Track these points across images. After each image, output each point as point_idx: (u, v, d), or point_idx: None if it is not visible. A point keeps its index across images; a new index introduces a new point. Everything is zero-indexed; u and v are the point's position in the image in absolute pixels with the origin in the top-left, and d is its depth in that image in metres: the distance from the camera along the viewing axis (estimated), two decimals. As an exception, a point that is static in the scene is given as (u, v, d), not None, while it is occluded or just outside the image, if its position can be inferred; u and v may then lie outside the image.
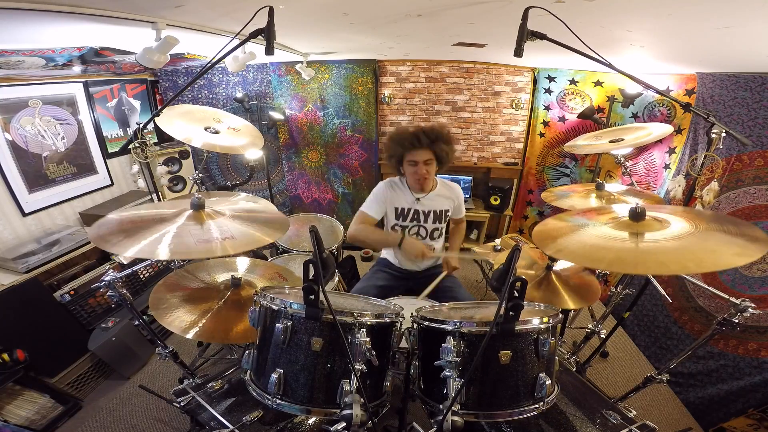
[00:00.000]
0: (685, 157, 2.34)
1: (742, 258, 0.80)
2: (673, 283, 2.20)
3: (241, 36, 1.19)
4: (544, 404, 0.90)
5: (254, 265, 1.64)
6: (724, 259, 0.83)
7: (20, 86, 2.20)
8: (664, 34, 1.48)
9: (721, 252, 0.85)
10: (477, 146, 3.50)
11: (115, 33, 1.54)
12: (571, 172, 3.26)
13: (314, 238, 0.84)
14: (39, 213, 2.33)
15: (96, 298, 2.18)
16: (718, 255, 0.84)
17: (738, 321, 1.13)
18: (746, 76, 1.84)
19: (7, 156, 2.14)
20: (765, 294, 1.72)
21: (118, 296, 1.31)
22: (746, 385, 1.74)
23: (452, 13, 1.42)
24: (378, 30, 1.91)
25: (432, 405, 0.96)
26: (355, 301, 1.31)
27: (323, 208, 3.81)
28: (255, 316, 0.97)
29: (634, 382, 1.51)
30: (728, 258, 0.82)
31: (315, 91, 3.32)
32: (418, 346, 1.05)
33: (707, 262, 0.84)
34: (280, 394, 0.88)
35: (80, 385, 2.05)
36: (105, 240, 0.99)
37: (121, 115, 2.93)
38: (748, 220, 1.83)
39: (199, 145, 1.75)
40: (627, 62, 2.08)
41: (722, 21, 1.15)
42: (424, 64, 3.22)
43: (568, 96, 3.03)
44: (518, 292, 0.81)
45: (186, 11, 1.32)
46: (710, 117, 1.18)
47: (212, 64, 1.27)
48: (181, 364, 1.58)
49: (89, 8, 1.12)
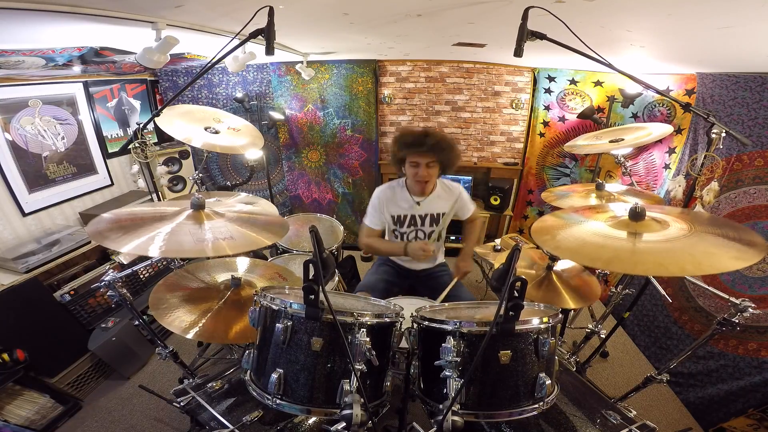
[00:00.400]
0: (685, 157, 2.34)
1: (740, 261, 0.81)
2: (673, 283, 2.20)
3: (241, 36, 1.19)
4: (544, 404, 0.90)
5: (254, 265, 1.64)
6: (722, 262, 0.83)
7: (20, 86, 2.20)
8: (664, 34, 1.47)
9: (719, 255, 0.85)
10: (477, 146, 3.49)
11: (115, 33, 1.54)
12: (571, 172, 3.26)
13: (314, 238, 0.84)
14: (39, 213, 2.33)
15: (96, 298, 2.18)
16: (716, 258, 0.85)
17: (738, 321, 1.13)
18: (746, 76, 1.84)
19: (7, 156, 2.14)
20: (765, 294, 1.72)
21: (118, 296, 1.31)
22: (746, 385, 1.74)
23: (452, 13, 1.42)
24: (378, 30, 1.91)
25: (432, 405, 0.96)
26: (355, 301, 1.31)
27: (323, 208, 3.80)
28: (255, 316, 0.97)
29: (634, 382, 1.51)
30: (726, 261, 0.83)
31: (315, 91, 3.32)
32: (418, 346, 1.05)
33: (705, 264, 0.84)
34: (280, 394, 0.88)
35: (80, 385, 2.05)
36: (103, 236, 0.99)
37: (121, 115, 2.93)
38: (748, 220, 1.83)
39: (199, 145, 1.75)
40: (627, 62, 2.08)
41: (722, 21, 1.15)
42: (424, 64, 3.22)
43: (568, 96, 3.03)
44: (518, 292, 0.81)
45: (186, 11, 1.32)
46: (710, 117, 1.18)
47: (212, 64, 1.27)
48: (181, 364, 1.58)
49: (89, 8, 1.11)
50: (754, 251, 0.82)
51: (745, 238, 0.88)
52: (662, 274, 0.97)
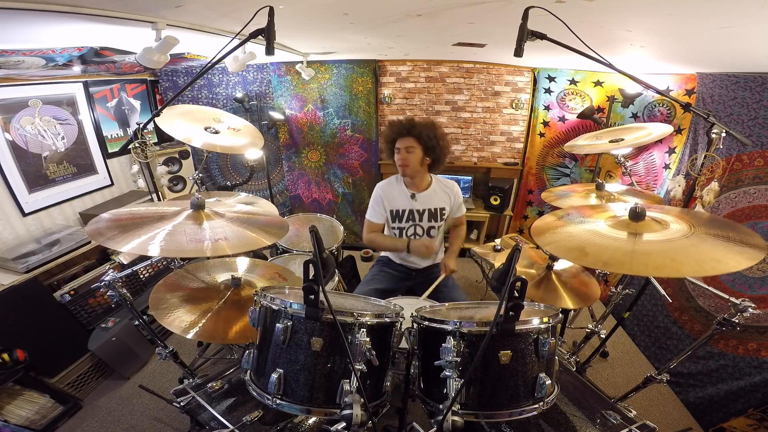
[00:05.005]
0: (685, 157, 2.34)
1: (740, 262, 0.81)
2: (673, 283, 2.20)
3: (241, 36, 1.19)
4: (544, 404, 0.90)
5: (254, 265, 1.64)
6: (722, 263, 0.83)
7: (20, 86, 2.20)
8: (664, 34, 1.47)
9: (720, 255, 0.85)
10: (477, 146, 3.49)
11: (115, 33, 1.54)
12: (571, 172, 3.26)
13: (314, 238, 0.84)
14: (39, 213, 2.33)
15: (96, 298, 2.18)
16: (716, 258, 0.84)
17: (738, 321, 1.13)
18: (746, 76, 1.84)
19: (7, 156, 2.14)
20: (765, 294, 1.72)
21: (118, 296, 1.31)
22: (746, 385, 1.74)
23: (452, 13, 1.42)
24: (378, 30, 1.91)
25: (432, 405, 0.96)
26: (355, 301, 1.31)
27: (323, 208, 3.80)
28: (255, 316, 0.97)
29: (634, 382, 1.51)
30: (726, 262, 0.82)
31: (315, 91, 3.32)
32: (418, 346, 1.05)
33: (705, 265, 0.84)
34: (280, 394, 0.88)
35: (80, 385, 2.05)
36: (102, 236, 0.99)
37: (121, 115, 2.93)
38: (748, 220, 1.83)
39: (199, 145, 1.75)
40: (627, 62, 2.08)
41: (722, 21, 1.15)
42: (424, 64, 3.22)
43: (568, 96, 3.03)
44: (518, 292, 0.81)
45: (186, 11, 1.32)
46: (710, 117, 1.18)
47: (212, 64, 1.27)
48: (181, 364, 1.58)
49: (89, 8, 1.11)
50: (754, 251, 0.83)
51: (746, 239, 0.88)
52: (662, 275, 0.97)
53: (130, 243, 0.98)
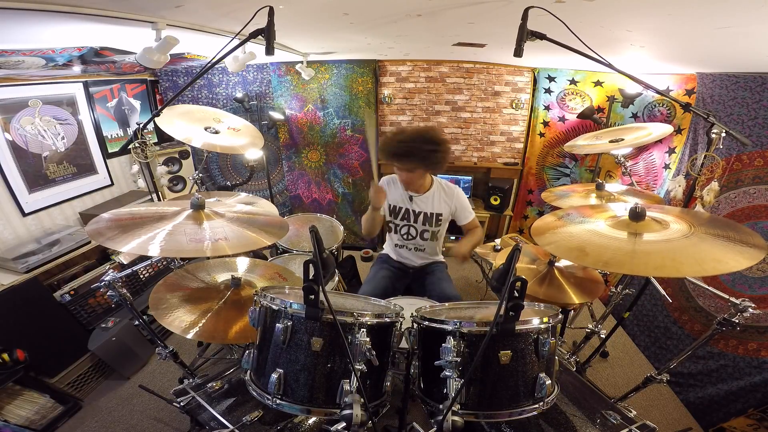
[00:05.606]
0: (685, 157, 2.34)
1: (740, 262, 0.81)
2: (673, 283, 2.20)
3: (241, 36, 1.19)
4: (544, 404, 0.90)
5: (254, 265, 1.64)
6: (722, 263, 0.83)
7: (20, 86, 2.20)
8: (664, 34, 1.47)
9: (720, 255, 0.85)
10: (477, 146, 3.49)
11: (115, 33, 1.54)
12: (571, 172, 3.26)
13: (314, 238, 0.84)
14: (39, 213, 2.33)
15: (96, 298, 2.18)
16: (716, 258, 0.85)
17: (738, 321, 1.13)
18: (746, 76, 1.83)
19: (7, 156, 2.14)
20: (765, 294, 1.72)
21: (118, 296, 1.31)
22: (746, 385, 1.74)
23: (452, 13, 1.42)
24: (378, 30, 1.91)
25: (432, 405, 0.96)
26: (355, 301, 1.31)
27: (323, 208, 3.80)
28: (255, 316, 0.97)
29: (634, 382, 1.51)
30: (726, 262, 0.83)
31: (315, 91, 3.32)
32: (418, 346, 1.05)
33: (705, 265, 0.84)
34: (280, 394, 0.88)
35: (80, 385, 2.05)
36: (102, 236, 1.00)
37: (121, 115, 2.93)
38: (747, 220, 1.83)
39: (199, 145, 1.75)
40: (627, 62, 2.07)
41: (722, 21, 1.15)
42: (424, 64, 3.22)
43: (568, 96, 3.03)
44: (518, 292, 0.81)
45: (186, 11, 1.32)
46: (710, 117, 1.18)
47: (212, 64, 1.27)
48: (181, 364, 1.58)
49: (89, 8, 1.11)
50: (754, 251, 0.83)
51: (746, 239, 0.88)
52: (662, 275, 0.97)
53: (130, 243, 0.98)
